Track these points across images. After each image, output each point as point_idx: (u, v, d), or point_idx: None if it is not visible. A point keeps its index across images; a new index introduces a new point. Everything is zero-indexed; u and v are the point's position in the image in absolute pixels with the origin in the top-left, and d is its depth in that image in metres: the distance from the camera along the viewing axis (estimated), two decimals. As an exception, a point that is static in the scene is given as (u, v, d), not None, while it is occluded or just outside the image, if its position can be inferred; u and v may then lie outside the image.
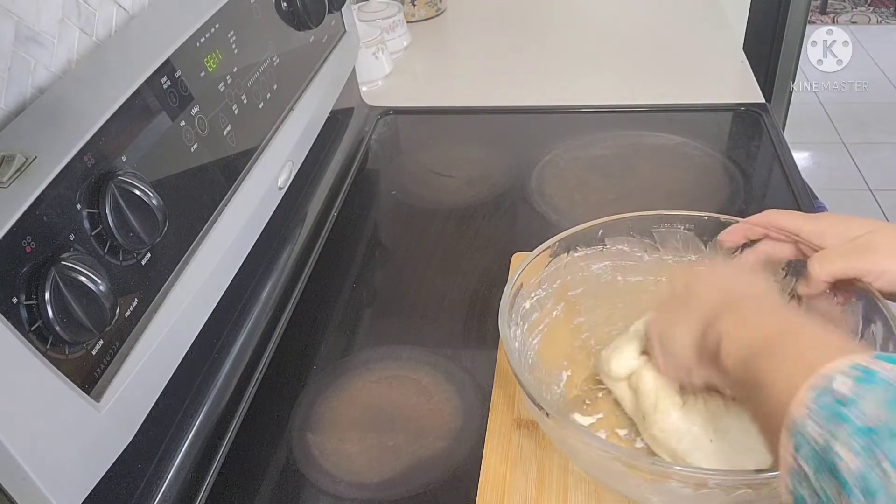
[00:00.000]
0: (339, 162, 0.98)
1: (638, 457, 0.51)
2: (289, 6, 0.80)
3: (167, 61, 0.59)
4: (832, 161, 2.68)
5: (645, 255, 0.67)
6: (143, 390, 0.54)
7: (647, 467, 0.49)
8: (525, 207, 0.92)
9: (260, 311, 0.75)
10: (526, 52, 1.31)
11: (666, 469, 0.49)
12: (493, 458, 0.60)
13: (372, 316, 0.81)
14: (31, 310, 0.44)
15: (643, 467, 0.49)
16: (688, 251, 0.66)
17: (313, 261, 0.86)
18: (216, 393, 0.66)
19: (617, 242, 0.66)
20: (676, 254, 0.66)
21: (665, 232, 0.66)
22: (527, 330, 0.63)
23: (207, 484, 0.62)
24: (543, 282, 0.64)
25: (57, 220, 0.46)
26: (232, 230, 0.65)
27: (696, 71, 1.21)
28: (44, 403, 0.44)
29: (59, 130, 0.50)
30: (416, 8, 1.42)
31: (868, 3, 3.75)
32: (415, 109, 1.16)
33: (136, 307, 0.53)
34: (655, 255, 0.67)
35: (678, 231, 0.65)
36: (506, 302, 0.59)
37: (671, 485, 0.49)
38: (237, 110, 0.68)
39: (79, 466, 0.47)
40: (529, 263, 0.62)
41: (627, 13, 1.43)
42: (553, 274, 0.65)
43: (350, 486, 0.61)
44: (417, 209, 0.95)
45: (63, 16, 0.61)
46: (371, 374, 0.71)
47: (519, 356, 0.58)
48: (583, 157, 1.01)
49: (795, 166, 0.95)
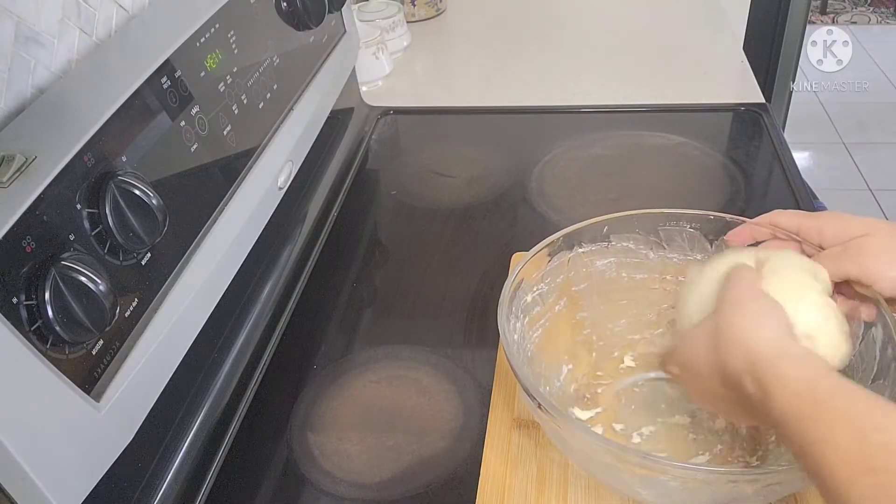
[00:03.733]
0: (339, 162, 0.98)
1: (627, 449, 0.51)
2: (289, 6, 0.80)
3: (167, 61, 0.59)
4: (832, 161, 2.68)
5: (650, 253, 0.67)
6: (143, 390, 0.54)
7: (636, 461, 0.49)
8: (525, 207, 0.92)
9: (260, 311, 0.75)
10: (526, 52, 1.31)
11: (654, 464, 0.49)
12: (493, 457, 0.60)
13: (372, 316, 0.81)
14: (30, 310, 0.44)
15: (632, 460, 0.49)
16: (693, 250, 0.66)
17: (313, 261, 0.86)
18: (216, 393, 0.66)
19: (622, 239, 0.66)
20: (682, 252, 0.66)
21: (671, 230, 0.66)
22: (527, 323, 0.63)
23: (207, 484, 0.62)
24: (546, 276, 0.64)
25: (57, 220, 0.46)
26: (232, 230, 0.65)
27: (696, 71, 1.21)
28: (44, 403, 0.44)
29: (59, 130, 0.50)
30: (416, 8, 1.42)
31: (868, 3, 3.74)
32: (415, 109, 1.16)
33: (136, 307, 0.53)
34: (661, 252, 0.66)
35: (684, 230, 0.65)
36: (506, 295, 0.59)
37: (661, 479, 0.49)
38: (237, 110, 0.68)
39: (79, 466, 0.47)
40: (532, 258, 0.62)
41: (627, 13, 1.43)
42: (556, 269, 0.65)
43: (350, 486, 0.61)
44: (417, 209, 0.95)
45: (63, 16, 0.60)
46: (371, 373, 0.71)
47: (517, 349, 0.58)
48: (583, 157, 1.01)
49: (795, 166, 0.95)
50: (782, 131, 1.06)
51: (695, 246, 0.65)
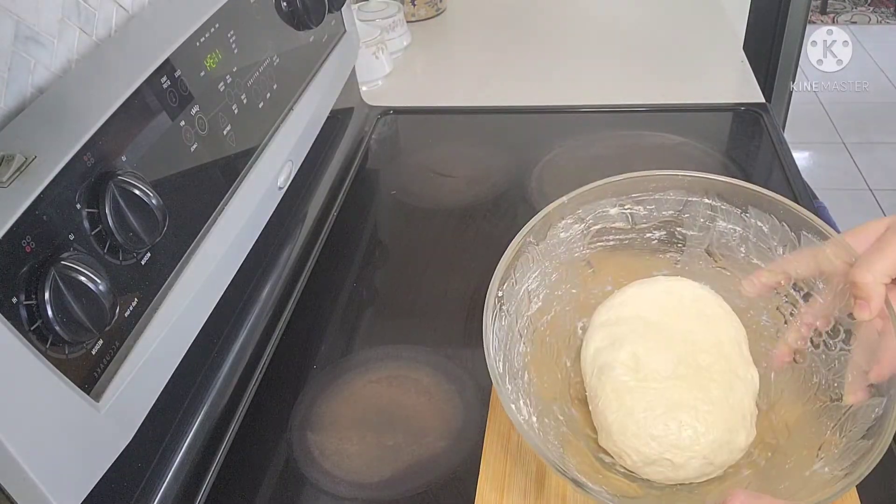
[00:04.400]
0: (339, 162, 0.98)
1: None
2: (289, 6, 0.80)
3: (167, 61, 0.59)
4: (832, 161, 2.68)
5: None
6: (143, 390, 0.54)
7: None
8: (525, 207, 0.92)
9: (260, 311, 0.75)
10: (526, 52, 1.31)
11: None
12: (493, 457, 0.60)
13: (372, 316, 0.81)
14: (30, 309, 0.44)
15: None
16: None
17: (313, 261, 0.86)
18: (216, 393, 0.67)
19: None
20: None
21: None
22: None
23: (207, 484, 0.62)
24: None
25: (57, 220, 0.46)
26: (232, 230, 0.65)
27: (696, 71, 1.21)
28: (43, 403, 0.44)
29: (59, 130, 0.50)
30: (416, 8, 1.42)
31: (868, 3, 3.75)
32: (415, 109, 1.16)
33: (136, 307, 0.53)
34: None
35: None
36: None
37: None
38: (237, 110, 0.68)
39: (78, 466, 0.47)
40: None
41: (627, 13, 1.43)
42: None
43: (350, 486, 0.61)
44: (417, 209, 0.95)
45: (63, 15, 0.60)
46: (371, 373, 0.71)
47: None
48: (583, 157, 1.01)
49: (795, 166, 0.95)
50: (782, 131, 1.06)
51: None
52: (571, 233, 0.64)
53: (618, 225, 0.65)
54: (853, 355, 0.53)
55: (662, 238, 0.66)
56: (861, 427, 0.50)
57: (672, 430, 0.54)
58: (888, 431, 0.47)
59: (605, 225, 0.65)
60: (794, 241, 0.59)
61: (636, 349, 0.58)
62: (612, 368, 0.58)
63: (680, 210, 0.64)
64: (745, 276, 0.60)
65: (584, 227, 0.65)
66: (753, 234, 0.62)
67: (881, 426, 0.48)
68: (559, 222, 0.64)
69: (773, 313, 0.61)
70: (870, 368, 0.51)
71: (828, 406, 0.54)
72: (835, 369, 0.55)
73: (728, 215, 0.63)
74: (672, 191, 0.64)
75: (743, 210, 0.62)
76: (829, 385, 0.55)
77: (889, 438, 0.47)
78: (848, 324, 0.54)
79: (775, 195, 0.60)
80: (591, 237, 0.65)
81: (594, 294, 0.66)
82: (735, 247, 0.63)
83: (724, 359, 0.58)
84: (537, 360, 0.62)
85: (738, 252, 0.63)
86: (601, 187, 0.63)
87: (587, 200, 0.63)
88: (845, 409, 0.52)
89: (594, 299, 0.65)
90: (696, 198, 0.63)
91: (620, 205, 0.64)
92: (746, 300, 0.62)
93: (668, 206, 0.64)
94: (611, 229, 0.65)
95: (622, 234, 0.66)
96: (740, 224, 0.62)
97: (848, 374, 0.53)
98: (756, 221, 0.61)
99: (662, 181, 0.64)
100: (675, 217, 0.65)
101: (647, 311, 0.61)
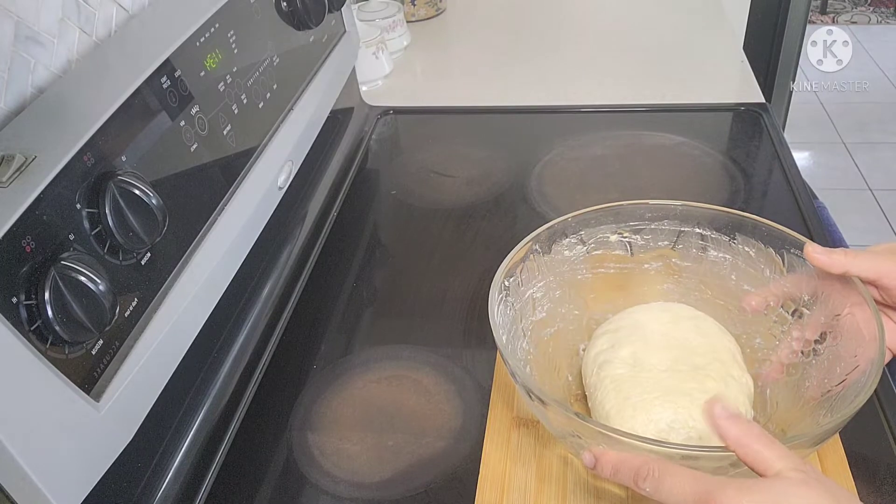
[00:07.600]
0: (339, 162, 0.98)
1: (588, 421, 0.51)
2: (289, 6, 0.80)
3: (167, 61, 0.59)
4: (832, 161, 2.68)
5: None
6: (143, 390, 0.54)
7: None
8: (525, 207, 0.92)
9: (260, 311, 0.75)
10: (526, 51, 1.31)
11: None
12: (493, 457, 0.60)
13: (372, 316, 0.81)
14: (30, 309, 0.44)
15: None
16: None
17: (313, 261, 0.86)
18: (216, 393, 0.66)
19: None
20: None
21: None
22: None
23: (207, 484, 0.62)
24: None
25: (57, 220, 0.46)
26: (232, 230, 0.65)
27: (696, 71, 1.21)
28: (43, 403, 0.44)
29: (59, 130, 0.50)
30: (416, 8, 1.42)
31: (868, 3, 3.75)
32: (415, 109, 1.16)
33: (136, 307, 0.53)
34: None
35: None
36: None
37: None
38: (237, 110, 0.68)
39: (79, 466, 0.47)
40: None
41: (627, 13, 1.43)
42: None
43: (350, 486, 0.61)
44: (417, 209, 0.95)
45: (63, 15, 0.61)
46: (371, 373, 0.71)
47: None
48: (583, 157, 1.01)
49: (795, 166, 0.95)
50: (782, 131, 1.06)
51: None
52: (575, 253, 0.67)
53: (618, 253, 0.68)
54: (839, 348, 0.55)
55: (659, 269, 0.68)
56: (850, 396, 0.51)
57: (668, 413, 0.55)
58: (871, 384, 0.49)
59: (605, 251, 0.67)
60: (780, 261, 0.62)
61: (636, 349, 0.60)
62: (611, 364, 0.60)
63: (675, 241, 0.67)
64: (738, 302, 0.63)
65: (586, 249, 0.67)
66: (742, 260, 0.64)
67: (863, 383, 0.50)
68: (563, 239, 0.66)
69: (766, 336, 0.63)
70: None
71: (820, 401, 0.55)
72: (825, 368, 0.56)
73: (718, 244, 0.66)
74: (667, 220, 0.66)
75: (731, 237, 0.64)
76: (821, 383, 0.56)
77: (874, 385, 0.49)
78: (831, 325, 0.56)
79: (758, 218, 0.63)
80: (592, 263, 0.67)
81: (595, 319, 0.67)
82: (726, 275, 0.65)
83: (719, 362, 0.59)
84: (539, 365, 0.63)
85: (730, 280, 0.65)
86: (602, 210, 0.66)
87: (589, 224, 0.66)
88: (835, 394, 0.53)
89: (595, 324, 0.67)
90: (688, 227, 0.66)
91: (619, 233, 0.67)
92: (740, 325, 0.65)
93: (664, 237, 0.67)
94: (611, 257, 0.68)
95: (622, 263, 0.68)
96: (730, 252, 0.65)
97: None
98: (743, 247, 0.64)
99: (657, 210, 0.66)
100: (671, 248, 0.67)
101: (647, 322, 0.63)
